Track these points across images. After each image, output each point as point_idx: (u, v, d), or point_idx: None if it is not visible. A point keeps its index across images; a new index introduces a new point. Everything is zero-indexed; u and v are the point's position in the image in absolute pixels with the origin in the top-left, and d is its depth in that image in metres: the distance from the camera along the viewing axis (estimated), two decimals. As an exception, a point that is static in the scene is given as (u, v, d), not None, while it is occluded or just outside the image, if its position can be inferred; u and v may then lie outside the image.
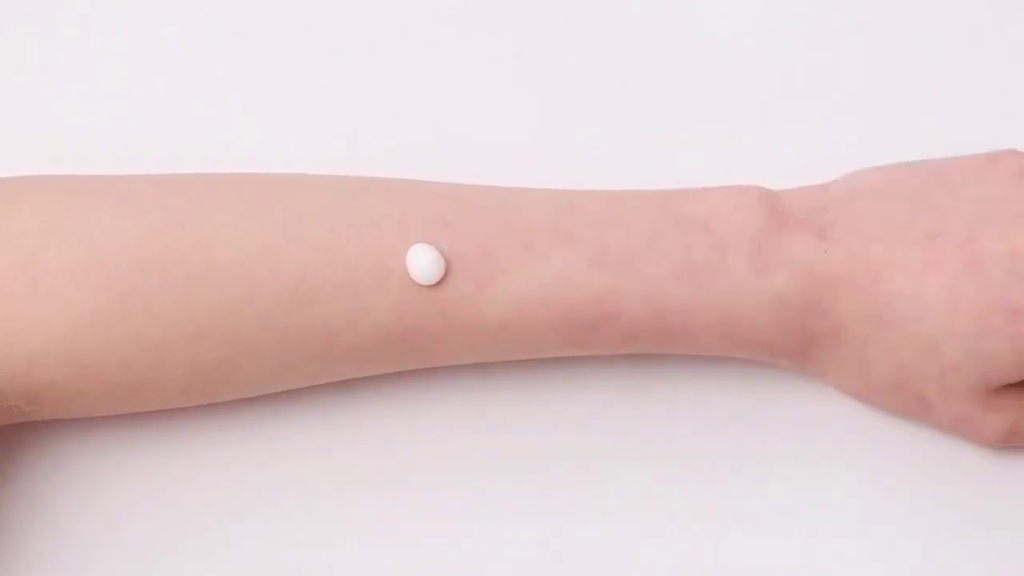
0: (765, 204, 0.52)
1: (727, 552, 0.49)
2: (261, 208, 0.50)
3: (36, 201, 0.49)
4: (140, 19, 0.59)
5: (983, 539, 0.53)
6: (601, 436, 0.54)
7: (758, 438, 0.54)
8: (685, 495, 0.53)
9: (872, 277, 0.50)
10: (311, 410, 0.54)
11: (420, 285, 0.49)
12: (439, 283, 0.50)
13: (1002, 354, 0.50)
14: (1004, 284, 0.50)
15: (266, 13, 0.59)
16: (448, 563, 0.52)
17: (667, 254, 0.51)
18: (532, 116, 0.58)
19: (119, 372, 0.49)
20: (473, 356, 0.51)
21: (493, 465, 0.54)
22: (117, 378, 0.49)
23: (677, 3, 0.60)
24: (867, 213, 0.51)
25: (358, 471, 0.53)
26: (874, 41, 0.59)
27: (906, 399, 0.52)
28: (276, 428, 0.53)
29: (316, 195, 0.50)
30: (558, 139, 0.58)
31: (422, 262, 0.49)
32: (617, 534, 0.53)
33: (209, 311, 0.49)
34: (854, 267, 0.50)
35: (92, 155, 0.56)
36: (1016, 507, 0.53)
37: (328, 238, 0.49)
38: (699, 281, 0.50)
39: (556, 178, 0.54)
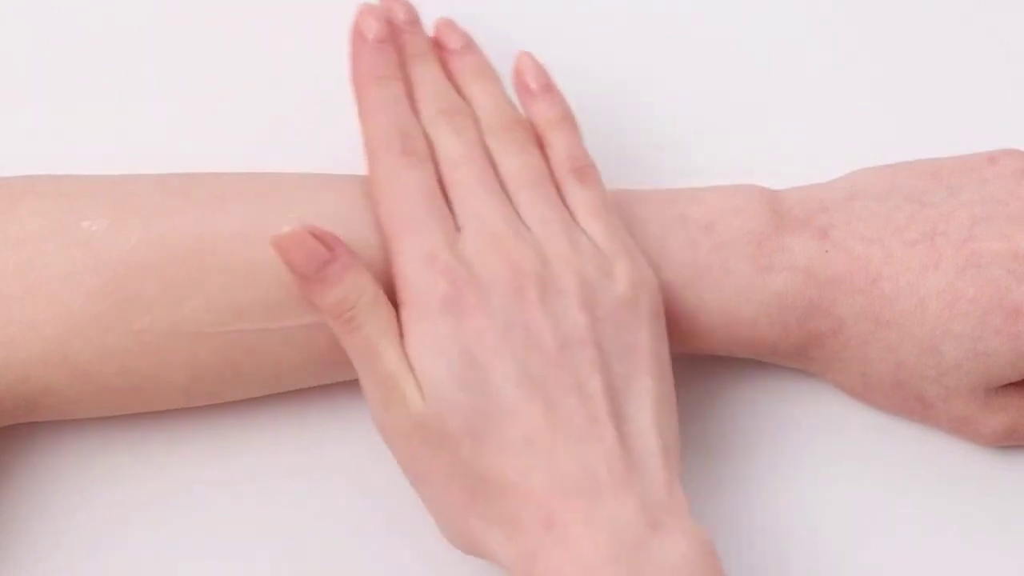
0: (766, 205, 0.52)
1: (727, 549, 0.49)
2: (264, 209, 0.49)
3: (35, 203, 0.49)
4: (139, 22, 0.59)
5: (983, 538, 0.53)
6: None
7: (758, 436, 0.54)
8: (685, 493, 0.53)
9: (872, 277, 0.50)
10: (313, 411, 0.53)
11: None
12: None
13: (1001, 354, 0.50)
14: (1003, 284, 0.50)
15: (265, 18, 0.59)
16: (448, 563, 0.52)
17: (672, 258, 0.51)
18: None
19: (118, 377, 0.49)
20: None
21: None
22: (116, 383, 0.49)
23: (678, 3, 0.60)
24: (867, 213, 0.51)
25: (360, 473, 0.53)
26: (875, 41, 0.60)
27: (906, 398, 0.52)
28: (279, 428, 0.53)
29: (319, 196, 0.50)
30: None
31: None
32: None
33: (210, 314, 0.48)
34: (854, 267, 0.51)
35: (92, 156, 0.55)
36: (1016, 507, 0.53)
37: None
38: (703, 283, 0.50)
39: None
